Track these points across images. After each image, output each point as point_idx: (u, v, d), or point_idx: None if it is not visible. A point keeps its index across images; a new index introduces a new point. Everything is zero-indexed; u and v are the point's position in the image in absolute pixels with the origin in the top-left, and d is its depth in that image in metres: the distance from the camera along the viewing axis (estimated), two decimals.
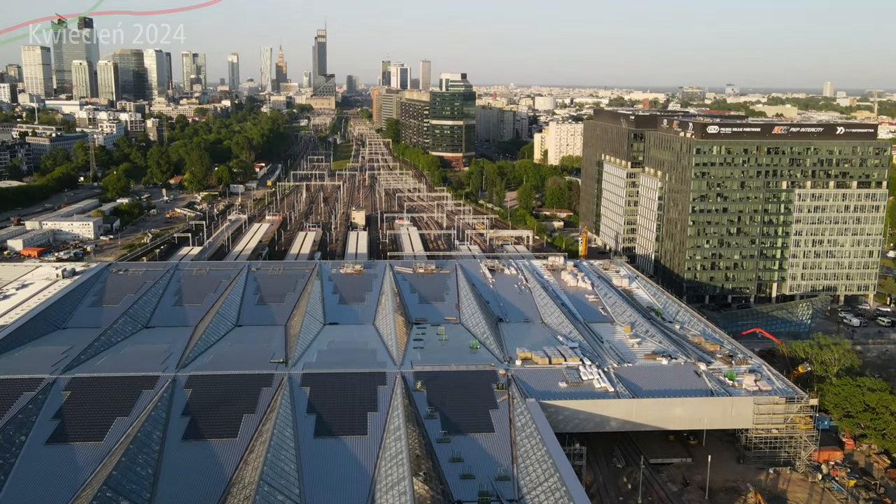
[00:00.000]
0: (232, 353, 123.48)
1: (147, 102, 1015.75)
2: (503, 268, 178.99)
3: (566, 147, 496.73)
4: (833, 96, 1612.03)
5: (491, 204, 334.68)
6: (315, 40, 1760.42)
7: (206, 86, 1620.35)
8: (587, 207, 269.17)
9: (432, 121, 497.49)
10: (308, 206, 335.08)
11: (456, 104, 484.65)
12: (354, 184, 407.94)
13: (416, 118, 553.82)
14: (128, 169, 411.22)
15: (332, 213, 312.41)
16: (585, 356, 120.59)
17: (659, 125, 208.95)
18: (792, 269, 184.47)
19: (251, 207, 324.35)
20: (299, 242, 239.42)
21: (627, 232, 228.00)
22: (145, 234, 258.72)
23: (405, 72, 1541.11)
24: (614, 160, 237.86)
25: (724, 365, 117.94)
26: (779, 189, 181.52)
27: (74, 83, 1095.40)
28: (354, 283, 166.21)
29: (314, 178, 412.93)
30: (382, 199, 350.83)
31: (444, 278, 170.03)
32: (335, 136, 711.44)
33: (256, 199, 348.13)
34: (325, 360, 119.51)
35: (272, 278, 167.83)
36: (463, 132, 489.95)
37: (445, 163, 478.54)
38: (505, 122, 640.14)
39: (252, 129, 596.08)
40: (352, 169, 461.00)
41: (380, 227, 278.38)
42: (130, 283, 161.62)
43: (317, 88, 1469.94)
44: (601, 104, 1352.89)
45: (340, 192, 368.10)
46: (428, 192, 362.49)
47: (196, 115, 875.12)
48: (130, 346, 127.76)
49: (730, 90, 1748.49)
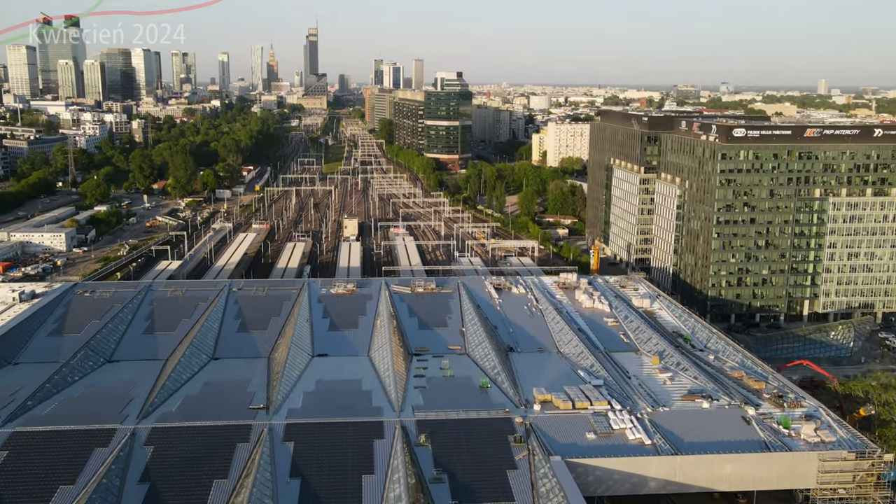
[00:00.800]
0: (205, 396, 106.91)
1: (135, 103, 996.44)
2: (511, 286, 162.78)
3: (566, 148, 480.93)
4: (828, 94, 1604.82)
5: (490, 210, 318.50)
6: (306, 39, 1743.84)
7: (196, 85, 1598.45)
8: (595, 215, 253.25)
9: (427, 121, 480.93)
10: (297, 213, 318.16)
11: (451, 104, 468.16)
12: (346, 188, 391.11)
13: (410, 118, 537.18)
14: (110, 173, 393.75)
15: (323, 220, 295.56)
16: (613, 398, 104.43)
17: (676, 127, 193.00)
18: (825, 285, 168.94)
19: (237, 215, 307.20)
20: (287, 255, 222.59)
21: (640, 242, 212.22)
22: (122, 246, 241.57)
23: (398, 71, 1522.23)
24: (625, 165, 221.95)
25: (775, 408, 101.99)
26: (811, 197, 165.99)
27: (60, 83, 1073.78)
28: (346, 305, 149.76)
29: (304, 181, 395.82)
30: (376, 204, 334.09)
31: (445, 299, 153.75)
32: (327, 136, 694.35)
33: (243, 206, 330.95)
34: (313, 405, 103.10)
35: (255, 300, 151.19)
36: (459, 133, 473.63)
37: (441, 165, 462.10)
38: (501, 123, 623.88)
39: (241, 130, 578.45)
40: (344, 172, 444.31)
41: (373, 237, 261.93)
42: (96, 306, 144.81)
43: (308, 88, 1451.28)
44: (596, 103, 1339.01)
45: (332, 198, 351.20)
46: (424, 198, 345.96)
47: (184, 115, 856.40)
48: (88, 387, 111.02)
49: (724, 88, 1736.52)
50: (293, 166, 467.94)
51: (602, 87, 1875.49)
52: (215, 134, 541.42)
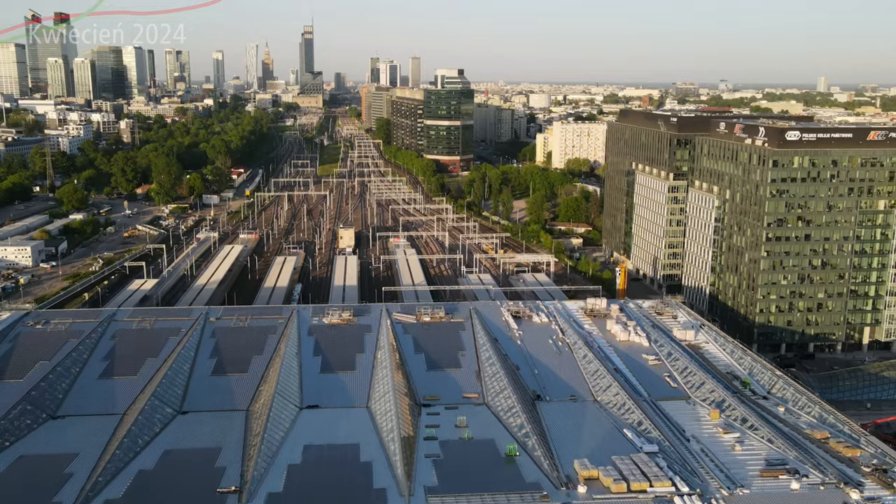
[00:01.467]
0: (163, 473, 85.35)
1: (125, 102, 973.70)
2: (531, 313, 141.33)
3: (572, 149, 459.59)
4: (828, 91, 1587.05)
5: (497, 217, 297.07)
6: (302, 37, 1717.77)
7: (190, 84, 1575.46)
8: (613, 224, 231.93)
9: (427, 121, 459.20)
10: (289, 220, 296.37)
11: (452, 103, 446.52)
12: (342, 192, 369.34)
13: (408, 118, 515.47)
14: (92, 177, 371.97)
15: (317, 229, 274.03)
16: (676, 473, 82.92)
17: (712, 129, 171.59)
18: (889, 310, 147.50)
19: (225, 223, 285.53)
20: (276, 271, 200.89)
21: (669, 257, 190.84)
22: (95, 260, 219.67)
23: (394, 68, 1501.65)
24: (650, 170, 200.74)
25: (884, 489, 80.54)
26: (874, 210, 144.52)
27: (50, 82, 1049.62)
28: (342, 338, 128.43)
29: (298, 185, 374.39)
30: (374, 211, 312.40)
31: (456, 330, 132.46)
32: (322, 136, 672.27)
33: (232, 212, 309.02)
34: (299, 488, 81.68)
35: (235, 334, 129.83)
36: (460, 133, 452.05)
37: (441, 167, 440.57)
38: (503, 122, 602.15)
39: (233, 130, 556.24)
40: (339, 175, 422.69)
41: (372, 249, 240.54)
42: (48, 343, 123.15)
43: (304, 86, 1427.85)
44: (595, 101, 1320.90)
45: (327, 203, 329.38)
46: (425, 204, 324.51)
47: (176, 114, 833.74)
48: (17, 458, 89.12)
49: (723, 86, 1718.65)
50: (286, 169, 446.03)
51: (600, 85, 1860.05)
52: (206, 134, 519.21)
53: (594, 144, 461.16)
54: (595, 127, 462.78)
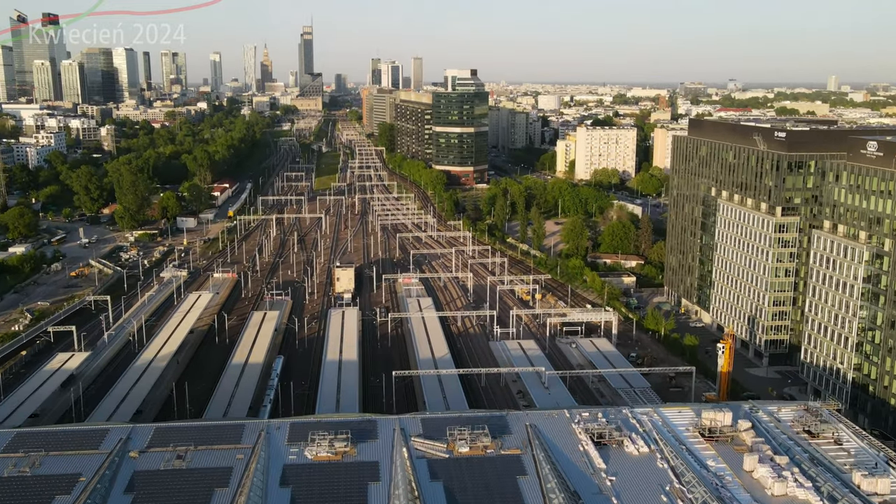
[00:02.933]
0: None
1: (115, 105, 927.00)
2: (619, 436, 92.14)
3: (598, 158, 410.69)
4: (840, 91, 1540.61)
5: (525, 244, 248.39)
6: (301, 37, 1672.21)
7: (186, 86, 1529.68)
8: (682, 263, 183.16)
9: (436, 128, 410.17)
10: (276, 252, 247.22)
11: (465, 107, 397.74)
12: (341, 213, 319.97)
13: (414, 123, 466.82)
14: (54, 194, 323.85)
15: (309, 266, 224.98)
16: None
17: (855, 151, 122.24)
18: None
19: (198, 255, 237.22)
20: (252, 334, 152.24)
21: (773, 317, 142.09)
22: (22, 315, 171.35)
23: (396, 69, 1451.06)
24: (742, 199, 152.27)
25: None
26: None
27: (36, 85, 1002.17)
28: (333, 491, 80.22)
29: (289, 204, 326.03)
30: (378, 238, 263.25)
31: (511, 474, 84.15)
32: (320, 143, 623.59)
33: (209, 240, 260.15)
34: None
35: (164, 485, 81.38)
36: (474, 141, 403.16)
37: (453, 179, 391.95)
38: (516, 127, 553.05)
39: (222, 137, 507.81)
40: (338, 190, 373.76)
41: (376, 293, 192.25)
42: None
43: (303, 88, 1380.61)
44: (604, 101, 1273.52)
45: (322, 228, 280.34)
46: (439, 228, 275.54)
47: (166, 119, 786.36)
48: None
49: (732, 86, 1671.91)
50: (278, 182, 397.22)
51: (606, 85, 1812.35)
52: (192, 143, 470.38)
53: (622, 153, 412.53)
54: (624, 133, 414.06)
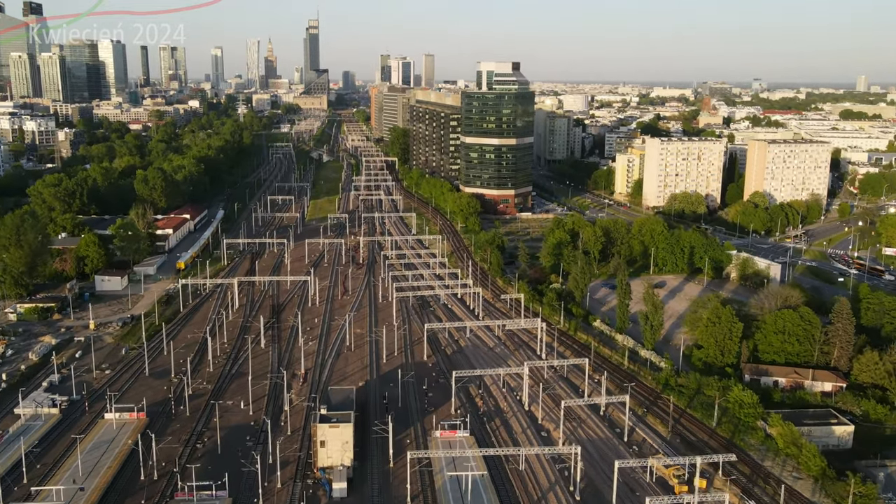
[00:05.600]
0: None
1: (98, 103, 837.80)
2: None
3: (675, 178, 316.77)
4: (868, 91, 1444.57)
5: (624, 336, 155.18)
6: (306, 31, 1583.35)
7: (186, 82, 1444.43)
8: None
9: (466, 138, 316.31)
10: (232, 349, 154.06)
11: (505, 111, 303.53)
12: (338, 264, 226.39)
13: (434, 129, 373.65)
14: None
15: (281, 381, 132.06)
16: None
17: None
18: None
19: (105, 354, 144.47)
20: None
21: None
22: None
23: (408, 66, 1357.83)
24: None
25: None
26: None
27: (13, 80, 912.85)
28: None
29: (267, 251, 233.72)
30: (394, 320, 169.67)
31: None
32: (321, 150, 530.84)
33: (130, 321, 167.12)
34: None
35: None
36: (516, 157, 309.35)
37: (488, 205, 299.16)
38: (556, 133, 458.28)
39: (201, 143, 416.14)
40: (336, 224, 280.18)
41: (392, 467, 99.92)
42: None
43: (308, 85, 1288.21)
44: (630, 102, 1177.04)
45: (308, 298, 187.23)
46: (486, 301, 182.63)
47: (150, 119, 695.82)
48: None
49: (757, 85, 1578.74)
50: (261, 207, 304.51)
51: (626, 84, 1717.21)
52: (160, 152, 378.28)
53: (706, 171, 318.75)
54: (708, 147, 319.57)
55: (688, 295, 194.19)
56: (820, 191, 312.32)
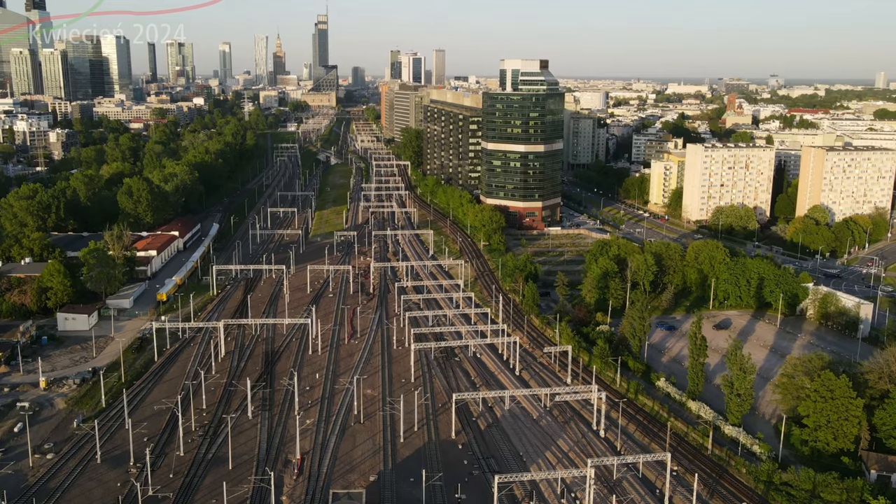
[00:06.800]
0: None
1: (99, 100, 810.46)
2: None
3: (720, 189, 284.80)
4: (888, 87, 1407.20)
5: (703, 406, 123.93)
6: (315, 27, 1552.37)
7: (193, 79, 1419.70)
8: None
9: (488, 144, 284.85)
10: (214, 414, 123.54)
11: (532, 114, 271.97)
12: (343, 296, 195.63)
13: (451, 132, 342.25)
14: None
15: (268, 482, 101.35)
16: None
17: None
18: None
19: (52, 426, 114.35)
20: None
21: None
22: None
23: (418, 62, 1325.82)
24: None
25: None
26: None
27: (14, 77, 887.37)
28: None
29: (261, 279, 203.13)
30: (411, 377, 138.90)
31: None
32: (328, 152, 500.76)
33: (91, 377, 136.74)
34: None
35: None
36: (544, 165, 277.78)
37: (512, 219, 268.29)
38: (580, 135, 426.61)
39: (199, 146, 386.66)
40: (344, 239, 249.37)
41: None
42: None
43: (317, 81, 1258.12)
44: (647, 99, 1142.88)
45: (310, 337, 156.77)
46: (522, 347, 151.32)
47: (152, 117, 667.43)
48: None
49: (774, 82, 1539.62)
50: (260, 221, 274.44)
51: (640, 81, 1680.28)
52: (154, 157, 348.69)
53: (754, 180, 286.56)
54: (757, 154, 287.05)
55: (761, 339, 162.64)
56: (883, 204, 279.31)
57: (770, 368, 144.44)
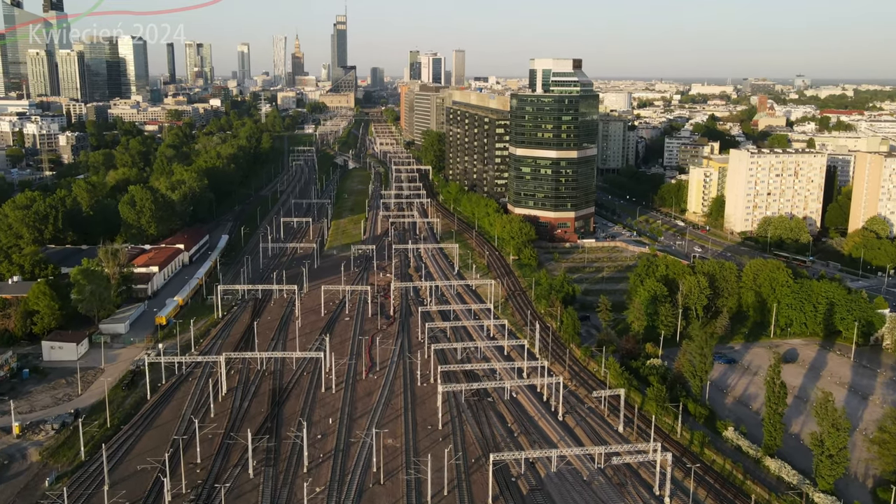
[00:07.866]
0: None
1: (116, 102, 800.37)
2: None
3: (766, 198, 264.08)
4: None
5: (779, 464, 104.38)
6: (334, 27, 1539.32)
7: (212, 80, 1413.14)
8: None
9: (516, 150, 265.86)
10: (209, 472, 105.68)
11: (565, 118, 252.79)
12: (361, 320, 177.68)
13: (476, 136, 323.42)
14: None
15: None
16: None
17: None
18: None
19: (22, 476, 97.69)
20: None
21: None
22: None
23: (438, 62, 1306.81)
24: None
25: None
26: None
27: (31, 78, 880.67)
28: None
29: (270, 299, 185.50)
30: (439, 424, 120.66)
31: None
32: (346, 155, 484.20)
33: (72, 421, 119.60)
34: None
35: None
36: (577, 172, 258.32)
37: (542, 231, 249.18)
38: (610, 138, 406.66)
39: (211, 150, 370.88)
40: (361, 253, 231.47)
41: None
42: None
43: (336, 82, 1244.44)
44: (672, 100, 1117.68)
45: (322, 374, 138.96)
46: (567, 388, 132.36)
47: (167, 119, 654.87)
48: None
49: (801, 82, 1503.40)
50: (272, 231, 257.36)
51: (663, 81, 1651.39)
52: (164, 162, 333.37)
53: (803, 189, 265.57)
54: (807, 161, 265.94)
55: (836, 375, 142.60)
56: None
57: (852, 414, 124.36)
